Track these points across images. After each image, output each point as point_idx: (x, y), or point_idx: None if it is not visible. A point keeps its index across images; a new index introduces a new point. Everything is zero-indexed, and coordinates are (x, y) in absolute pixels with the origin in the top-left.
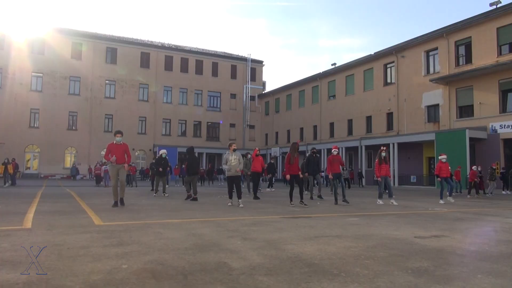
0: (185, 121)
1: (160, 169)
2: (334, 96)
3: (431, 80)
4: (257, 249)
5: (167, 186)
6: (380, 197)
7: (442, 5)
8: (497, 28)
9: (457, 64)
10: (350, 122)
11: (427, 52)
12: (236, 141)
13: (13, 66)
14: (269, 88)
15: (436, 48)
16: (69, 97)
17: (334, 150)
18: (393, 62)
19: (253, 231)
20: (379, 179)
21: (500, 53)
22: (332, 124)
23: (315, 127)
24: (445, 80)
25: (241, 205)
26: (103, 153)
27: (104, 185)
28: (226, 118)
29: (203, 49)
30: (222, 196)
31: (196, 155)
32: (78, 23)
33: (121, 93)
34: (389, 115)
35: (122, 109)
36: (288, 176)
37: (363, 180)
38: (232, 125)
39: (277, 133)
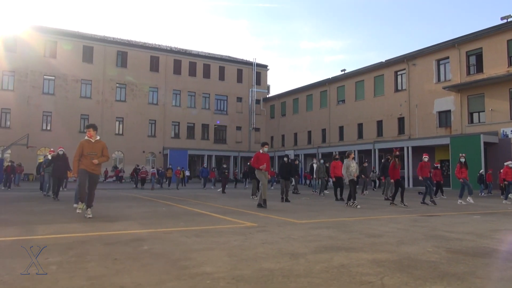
0: (194, 124)
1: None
2: (343, 101)
3: (444, 88)
4: (482, 238)
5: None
6: (460, 196)
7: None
8: (507, 40)
9: (468, 73)
10: (360, 126)
11: (438, 61)
12: (242, 143)
13: (25, 68)
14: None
15: (448, 58)
16: (80, 100)
17: (425, 157)
18: (404, 69)
19: (435, 227)
20: (461, 180)
21: (510, 64)
22: (341, 128)
23: (323, 130)
24: (457, 88)
25: (358, 206)
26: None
27: (151, 188)
28: (232, 121)
29: (210, 53)
30: (307, 197)
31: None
32: (88, 27)
33: (131, 97)
34: (400, 120)
35: (132, 112)
36: (392, 180)
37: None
38: (239, 128)
39: (283, 136)
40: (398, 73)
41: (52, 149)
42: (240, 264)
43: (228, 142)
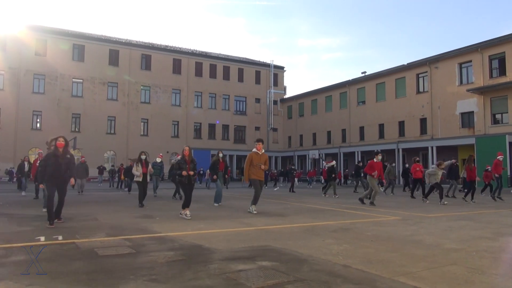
0: (214, 125)
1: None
2: (363, 102)
3: (468, 90)
4: None
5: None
6: None
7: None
8: None
9: (491, 76)
10: (381, 126)
11: (461, 64)
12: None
13: (55, 72)
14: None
15: (470, 61)
16: (107, 102)
17: (500, 157)
18: (426, 72)
19: None
20: None
21: None
22: (362, 128)
23: (343, 130)
24: (480, 90)
25: (445, 202)
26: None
27: (207, 188)
28: (251, 121)
29: (229, 56)
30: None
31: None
32: (114, 31)
33: (156, 98)
34: (423, 121)
35: (156, 113)
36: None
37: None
38: (257, 128)
39: (301, 135)
40: (420, 75)
41: (161, 154)
42: (469, 243)
43: (247, 142)
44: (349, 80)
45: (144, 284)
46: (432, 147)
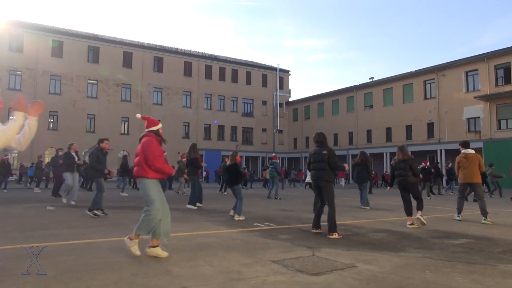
0: (223, 126)
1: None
2: (371, 106)
3: (475, 97)
4: None
5: None
6: None
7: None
8: None
9: (497, 84)
10: (388, 130)
11: (467, 72)
12: (267, 144)
13: (71, 73)
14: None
15: (477, 70)
16: (121, 104)
17: None
18: (433, 79)
19: None
20: None
21: None
22: (369, 131)
23: (350, 133)
24: (486, 98)
25: None
26: None
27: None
28: (258, 123)
29: (237, 59)
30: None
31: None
32: (127, 33)
33: (167, 100)
34: (430, 125)
35: (168, 115)
36: None
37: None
38: (264, 130)
39: (307, 138)
40: (427, 82)
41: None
42: None
43: (254, 143)
44: (357, 85)
45: (415, 250)
46: (441, 150)
